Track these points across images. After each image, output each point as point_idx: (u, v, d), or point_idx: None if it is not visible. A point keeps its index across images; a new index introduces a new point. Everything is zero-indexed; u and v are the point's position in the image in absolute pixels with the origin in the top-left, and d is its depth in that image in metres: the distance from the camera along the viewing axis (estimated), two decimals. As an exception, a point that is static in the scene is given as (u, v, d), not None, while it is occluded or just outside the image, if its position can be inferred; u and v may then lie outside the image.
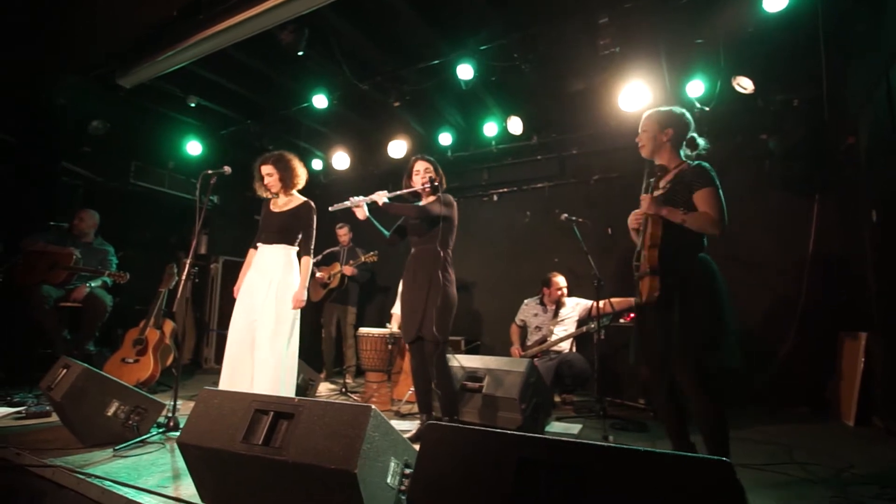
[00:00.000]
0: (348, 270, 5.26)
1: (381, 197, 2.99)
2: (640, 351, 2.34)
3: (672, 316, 2.18)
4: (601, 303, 4.00)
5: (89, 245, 4.41)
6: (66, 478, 2.17)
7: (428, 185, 3.08)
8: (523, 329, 4.71)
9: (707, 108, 4.32)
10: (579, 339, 4.55)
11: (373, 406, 1.57)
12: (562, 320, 4.53)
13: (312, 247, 3.24)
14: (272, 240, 3.17)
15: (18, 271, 4.00)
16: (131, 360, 3.96)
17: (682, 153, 2.36)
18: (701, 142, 2.36)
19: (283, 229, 3.18)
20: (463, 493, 1.19)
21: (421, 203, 3.13)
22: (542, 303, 4.66)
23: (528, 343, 4.60)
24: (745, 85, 4.18)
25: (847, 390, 3.74)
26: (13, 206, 4.53)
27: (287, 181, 3.27)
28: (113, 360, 4.00)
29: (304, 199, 3.31)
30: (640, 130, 2.41)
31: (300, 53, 3.76)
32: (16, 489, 2.44)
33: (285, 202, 3.28)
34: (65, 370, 2.68)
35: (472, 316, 5.79)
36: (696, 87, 4.30)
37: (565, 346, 4.45)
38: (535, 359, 4.39)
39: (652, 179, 2.38)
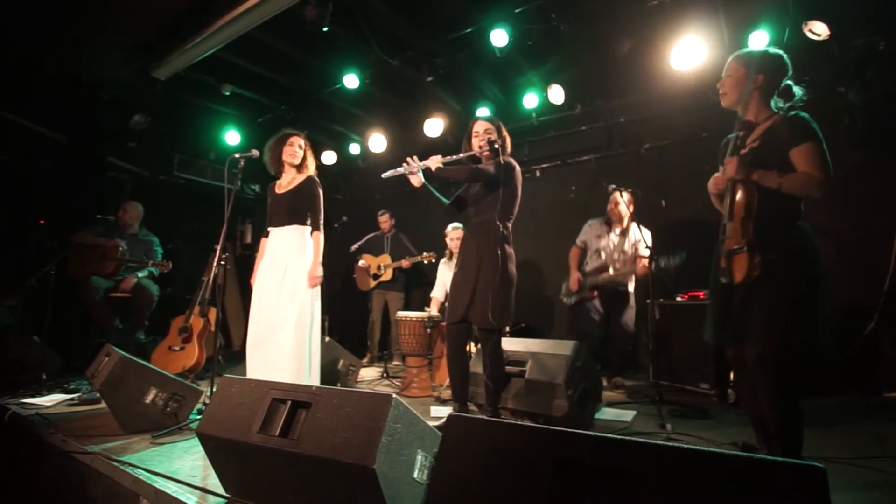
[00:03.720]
0: (406, 265, 5.21)
1: (435, 162, 2.69)
2: (723, 330, 2.05)
3: (765, 294, 1.89)
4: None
5: (135, 236, 4.52)
6: (103, 465, 2.17)
7: (486, 148, 2.78)
8: (583, 252, 4.33)
9: (773, 62, 3.86)
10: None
11: (394, 395, 1.41)
12: (624, 251, 4.14)
13: (322, 221, 3.13)
14: (282, 222, 3.10)
15: (70, 264, 4.15)
16: (177, 348, 4.03)
17: (773, 104, 1.99)
18: (798, 90, 1.99)
19: (292, 208, 3.09)
20: (493, 497, 1.01)
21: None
22: (606, 223, 4.25)
23: (587, 269, 4.24)
24: (818, 31, 3.68)
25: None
26: (65, 203, 4.70)
27: (307, 159, 3.23)
28: (160, 348, 4.08)
29: (308, 174, 3.22)
30: (723, 75, 2.07)
31: (325, 29, 3.62)
32: (66, 474, 2.50)
33: (289, 181, 3.20)
34: (106, 358, 2.71)
35: (515, 298, 5.57)
36: (760, 38, 3.83)
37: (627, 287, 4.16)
38: (595, 290, 4.11)
39: (737, 135, 2.04)
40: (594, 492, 0.90)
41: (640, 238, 3.95)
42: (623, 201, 3.96)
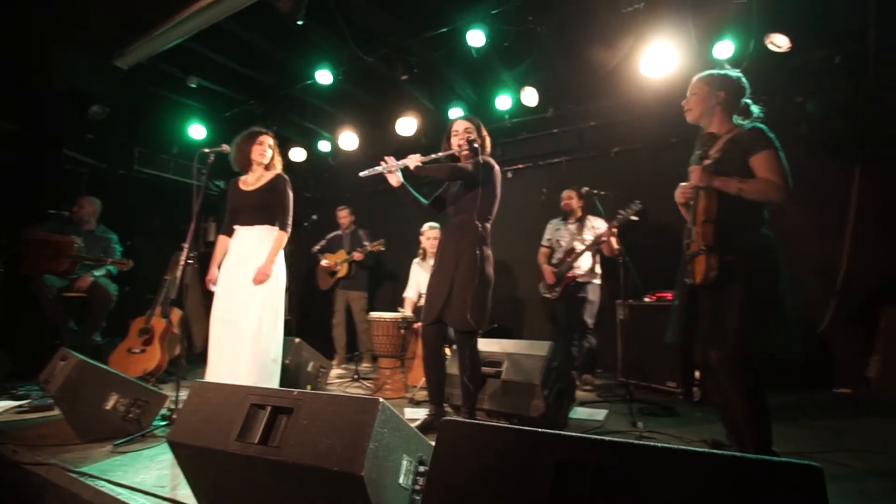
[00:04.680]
0: (358, 256, 5.11)
1: (414, 160, 2.68)
2: (687, 331, 2.12)
3: (727, 296, 1.98)
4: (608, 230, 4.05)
5: (91, 233, 4.29)
6: (60, 476, 2.04)
7: (466, 147, 2.76)
8: (551, 251, 4.55)
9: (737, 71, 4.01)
10: (601, 314, 4.38)
11: (381, 399, 1.38)
12: (583, 237, 4.37)
13: (290, 222, 3.04)
14: (251, 221, 2.99)
15: (21, 261, 3.89)
16: (137, 351, 3.85)
17: (734, 120, 2.14)
18: (755, 109, 2.15)
19: (262, 206, 2.98)
20: (489, 502, 1.00)
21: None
22: (563, 219, 4.55)
23: (555, 261, 4.44)
24: (779, 43, 3.84)
25: (893, 369, 3.48)
26: (17, 197, 4.41)
27: (275, 158, 3.15)
28: (119, 350, 3.89)
29: (277, 172, 3.12)
30: (688, 94, 2.22)
31: (300, 23, 3.53)
32: (18, 487, 2.34)
33: (257, 178, 3.08)
34: (62, 362, 2.56)
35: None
36: (726, 48, 3.97)
37: (590, 276, 4.33)
38: (569, 273, 4.25)
39: (700, 151, 2.17)
40: (595, 495, 0.90)
41: (596, 226, 4.30)
42: (574, 196, 4.45)
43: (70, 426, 2.51)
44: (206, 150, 2.96)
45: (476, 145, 2.76)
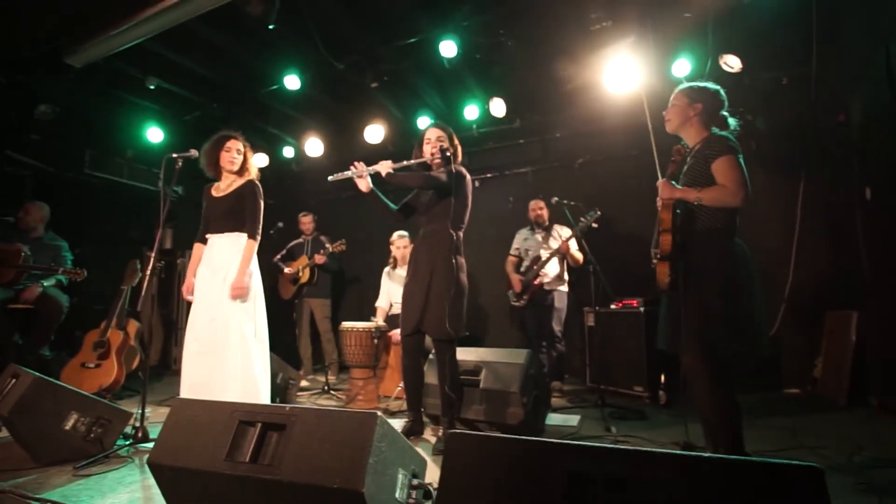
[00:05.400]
0: (320, 259, 4.98)
1: (385, 167, 2.68)
2: (670, 337, 2.21)
3: (687, 303, 2.08)
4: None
5: (39, 240, 4.01)
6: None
7: (438, 155, 2.76)
8: (520, 260, 4.63)
9: (694, 89, 4.24)
10: (568, 321, 4.48)
11: (379, 413, 1.37)
12: (549, 245, 4.50)
13: (259, 230, 2.96)
14: (221, 228, 2.91)
15: (-41, 271, 3.60)
16: (92, 365, 3.62)
17: (712, 132, 2.22)
18: (732, 121, 2.24)
19: (231, 212, 2.91)
20: (499, 515, 1.01)
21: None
22: (531, 228, 4.66)
23: (523, 270, 4.52)
24: (731, 63, 4.08)
25: (837, 370, 3.72)
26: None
27: (247, 163, 3.06)
28: (71, 365, 3.65)
29: (249, 178, 3.05)
30: (669, 104, 2.30)
31: (270, 27, 3.46)
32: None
33: (228, 184, 3.01)
34: (13, 380, 2.38)
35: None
36: (683, 67, 4.19)
37: (557, 283, 4.42)
38: (536, 281, 4.35)
39: (673, 160, 2.30)
40: (609, 502, 0.92)
41: (562, 234, 4.44)
42: (545, 207, 4.58)
43: (24, 449, 2.34)
44: (174, 155, 2.84)
45: (448, 154, 2.77)
